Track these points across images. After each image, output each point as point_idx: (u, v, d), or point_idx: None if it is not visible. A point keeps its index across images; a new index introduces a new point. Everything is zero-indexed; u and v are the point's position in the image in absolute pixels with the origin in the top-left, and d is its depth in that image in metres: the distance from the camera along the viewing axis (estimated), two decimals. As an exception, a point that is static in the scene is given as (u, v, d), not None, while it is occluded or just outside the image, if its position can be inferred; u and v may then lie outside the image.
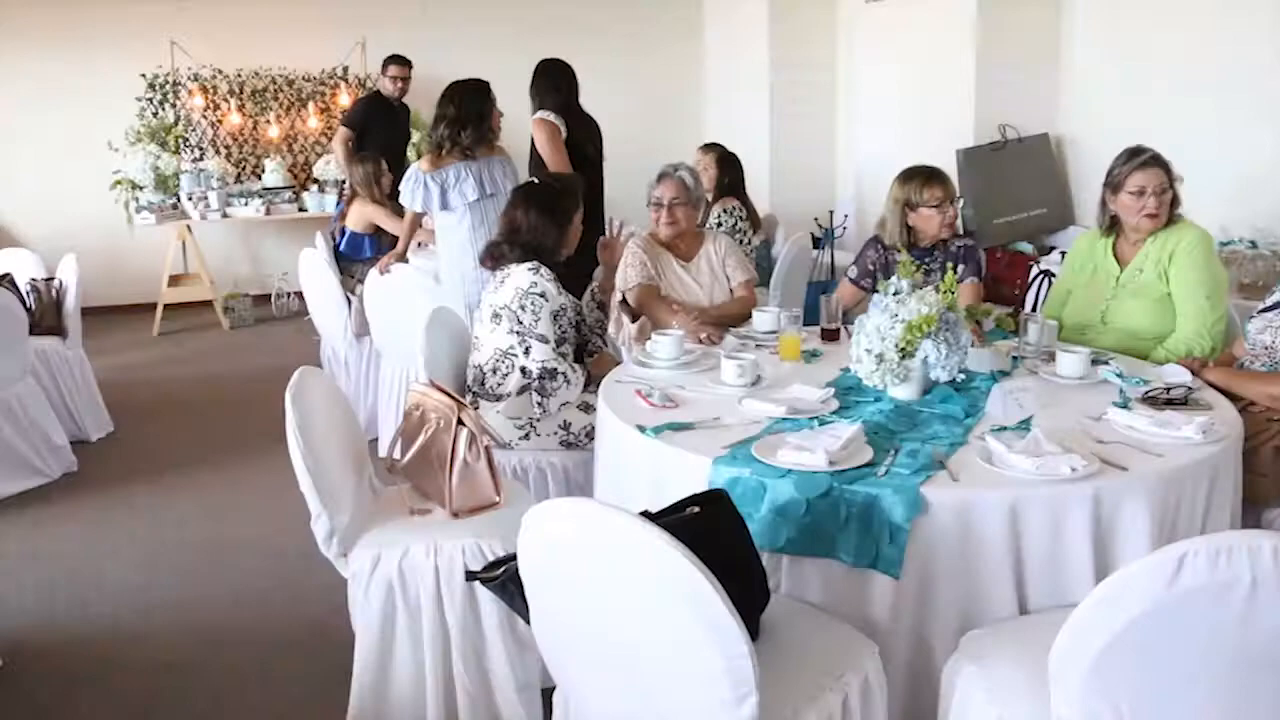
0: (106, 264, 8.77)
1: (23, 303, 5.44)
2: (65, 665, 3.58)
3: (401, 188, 4.99)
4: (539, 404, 3.62)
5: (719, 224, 6.03)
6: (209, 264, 9.07)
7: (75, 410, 5.73)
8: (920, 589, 2.47)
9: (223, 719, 3.26)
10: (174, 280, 8.93)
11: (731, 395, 3.13)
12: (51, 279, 5.86)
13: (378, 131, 7.73)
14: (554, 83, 5.37)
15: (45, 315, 5.68)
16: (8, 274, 5.73)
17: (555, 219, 3.74)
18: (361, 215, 6.59)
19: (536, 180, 3.99)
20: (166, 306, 8.77)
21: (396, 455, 3.17)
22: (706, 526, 2.14)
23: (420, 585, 2.88)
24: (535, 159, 5.30)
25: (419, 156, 7.19)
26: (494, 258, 3.76)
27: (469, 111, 4.91)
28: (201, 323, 8.95)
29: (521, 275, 3.64)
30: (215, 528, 4.68)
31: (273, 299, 9.31)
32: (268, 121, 9.48)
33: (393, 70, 7.79)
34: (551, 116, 5.24)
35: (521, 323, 3.60)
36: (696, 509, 2.20)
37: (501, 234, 3.78)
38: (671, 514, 2.17)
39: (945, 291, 3.04)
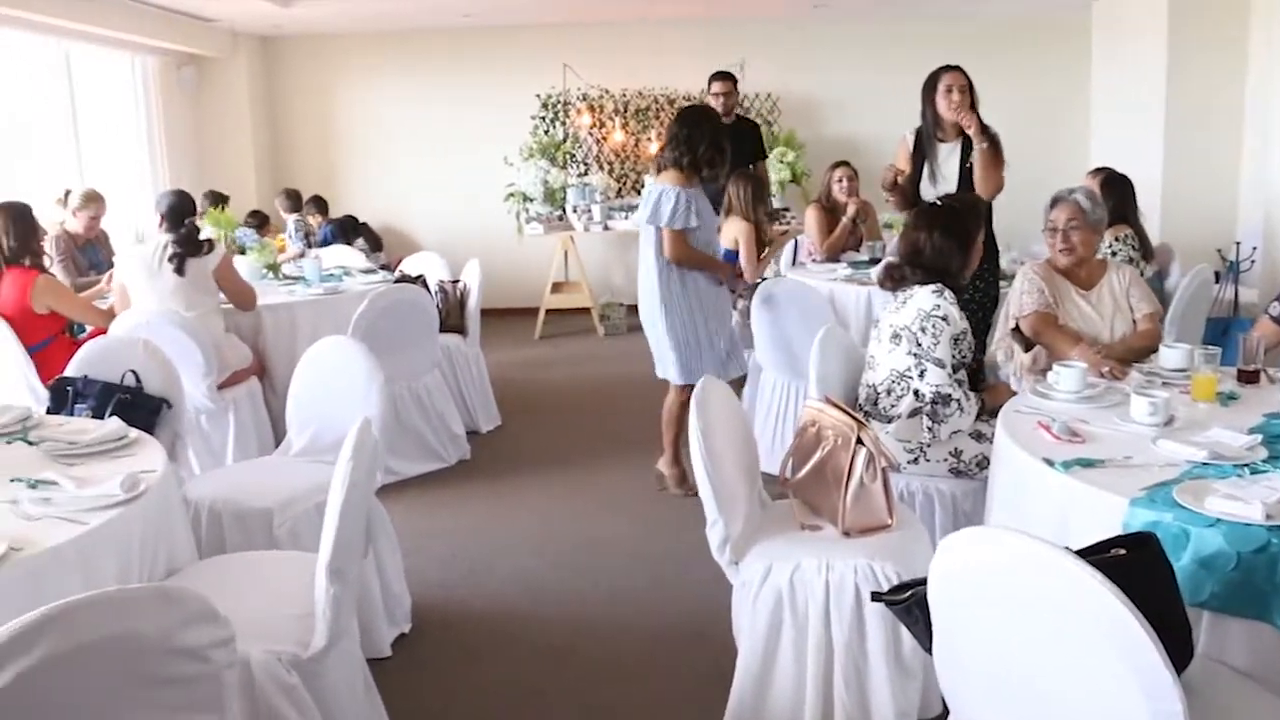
0: (497, 269, 9.45)
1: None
2: (462, 637, 3.87)
3: (669, 207, 4.77)
4: (929, 429, 3.57)
5: (1112, 253, 5.66)
6: (588, 273, 9.60)
7: (471, 403, 6.20)
8: (1371, 669, 2.23)
9: (605, 708, 3.40)
10: (556, 287, 9.51)
11: (1142, 434, 2.95)
12: (456, 281, 6.38)
13: None
14: None
15: (451, 314, 6.19)
16: (420, 275, 6.30)
17: (959, 240, 3.67)
18: (731, 232, 6.69)
19: (939, 202, 3.93)
20: (548, 311, 9.36)
21: (788, 473, 3.21)
22: (1134, 570, 2.02)
23: (810, 600, 2.90)
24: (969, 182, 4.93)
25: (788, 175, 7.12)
26: (894, 280, 3.74)
27: (721, 140, 4.88)
28: (578, 328, 9.46)
29: (924, 297, 3.60)
30: (593, 523, 4.92)
31: (645, 310, 9.70)
32: (649, 139, 9.88)
33: (715, 87, 7.48)
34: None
35: (920, 345, 3.56)
36: (1122, 551, 2.09)
37: (902, 256, 3.75)
38: (1094, 553, 2.08)
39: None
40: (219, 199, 8.64)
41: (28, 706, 1.71)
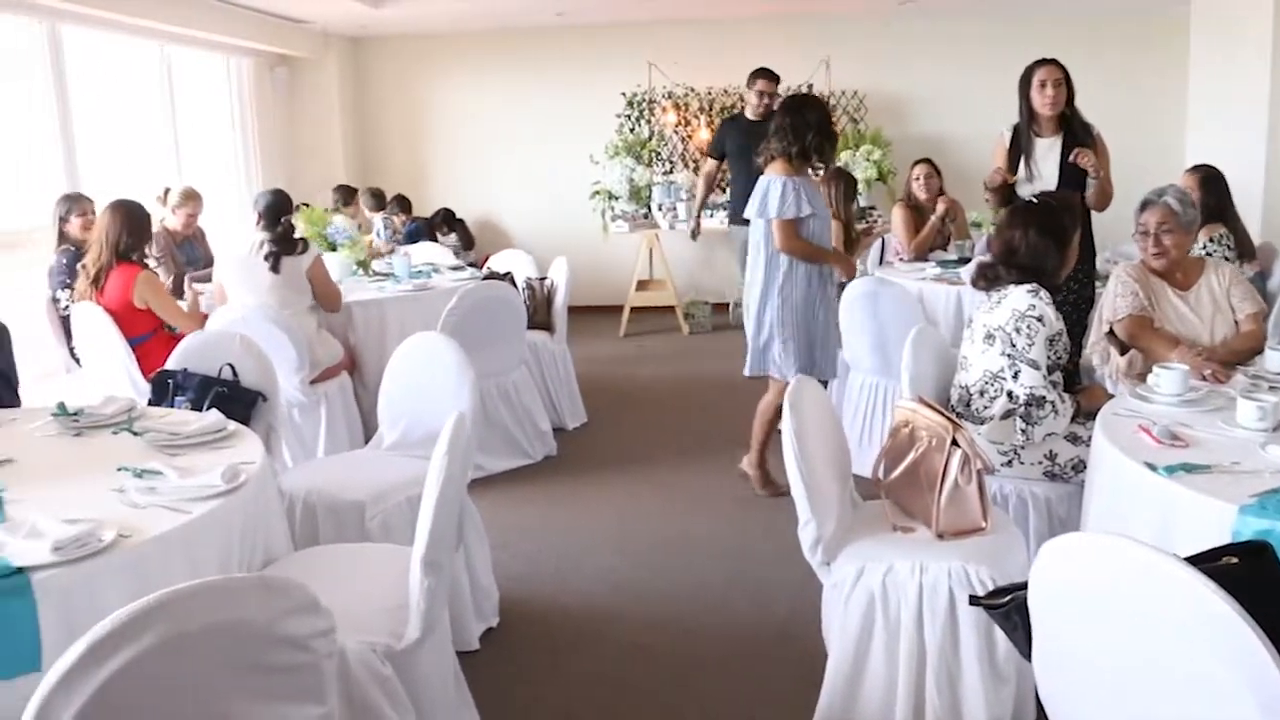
0: (582, 267, 9.48)
1: (519, 299, 5.99)
2: (548, 632, 3.89)
3: (776, 198, 4.70)
4: (1023, 431, 3.50)
5: (1207, 254, 5.51)
6: (673, 271, 9.60)
7: (557, 400, 6.23)
8: None
9: (692, 706, 3.39)
10: (641, 285, 9.54)
11: (1249, 439, 2.87)
12: (544, 278, 6.42)
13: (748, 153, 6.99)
14: None
15: (538, 311, 6.23)
16: (508, 272, 6.35)
17: (1055, 239, 3.61)
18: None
19: (1034, 199, 3.86)
20: (633, 309, 9.39)
21: (880, 473, 3.17)
22: (1248, 580, 1.96)
23: (902, 602, 2.86)
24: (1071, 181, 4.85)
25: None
26: (987, 279, 3.68)
27: (828, 126, 4.80)
28: (663, 326, 9.48)
29: (1020, 297, 3.54)
30: (679, 521, 4.91)
31: (730, 308, 9.67)
32: (734, 137, 9.85)
33: (760, 85, 7.16)
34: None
35: (1014, 345, 3.50)
36: (1235, 559, 2.03)
37: (996, 255, 3.69)
38: (1204, 561, 2.02)
39: None
40: (349, 193, 8.87)
41: (137, 692, 1.75)
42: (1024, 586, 2.13)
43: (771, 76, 7.27)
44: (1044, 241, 3.59)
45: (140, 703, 1.77)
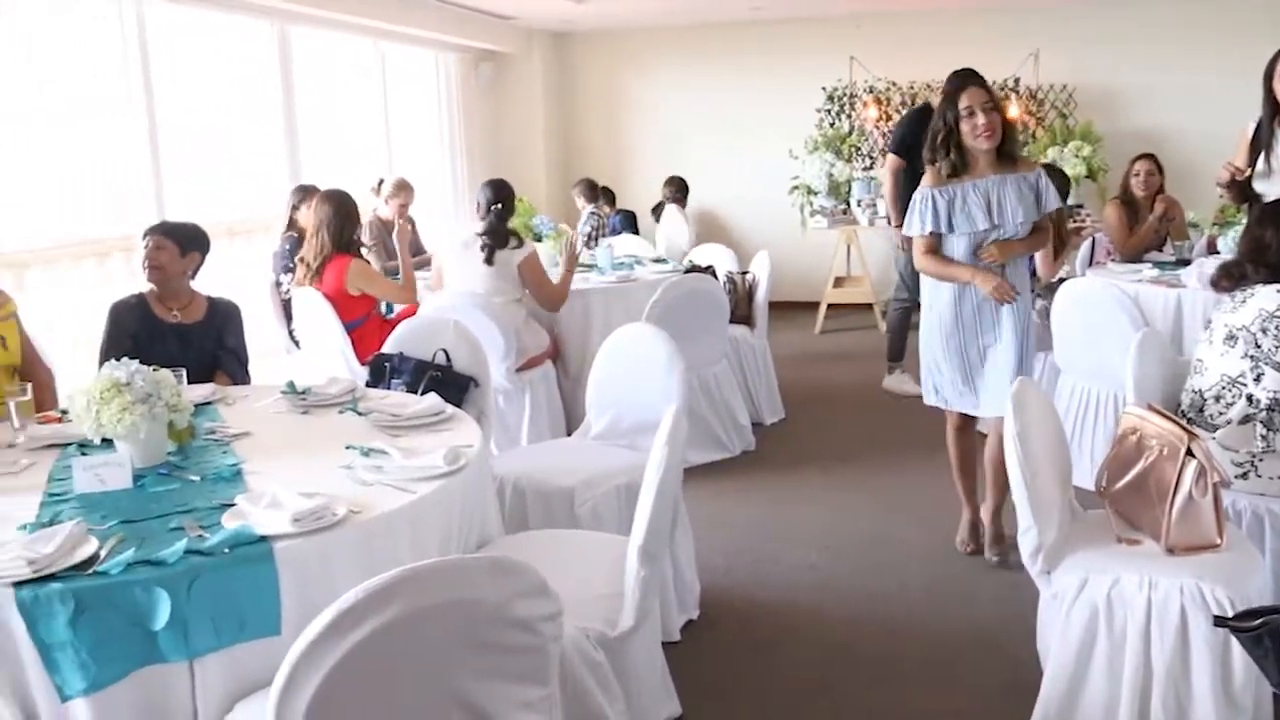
0: (779, 262, 9.40)
1: (721, 293, 5.99)
2: (747, 626, 3.88)
3: (911, 210, 4.15)
4: (1263, 437, 3.28)
5: None
6: (871, 268, 9.46)
7: (755, 395, 6.22)
8: None
9: (890, 710, 3.32)
10: (838, 281, 9.44)
11: None
12: (745, 272, 6.41)
13: None
14: None
15: (739, 305, 6.24)
16: (710, 266, 6.37)
17: None
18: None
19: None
20: (829, 306, 9.29)
21: (1103, 482, 3.04)
22: None
23: (1129, 618, 2.74)
24: None
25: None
26: (1232, 278, 3.48)
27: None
28: (860, 324, 9.35)
29: (1268, 296, 3.33)
30: (883, 522, 4.82)
31: (926, 307, 9.47)
32: (936, 132, 9.62)
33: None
34: None
35: (1260, 347, 3.29)
36: None
37: (1244, 254, 3.48)
38: None
39: None
40: (592, 187, 9.12)
41: (377, 662, 1.82)
42: (1277, 610, 2.00)
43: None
44: None
45: (379, 673, 1.84)
